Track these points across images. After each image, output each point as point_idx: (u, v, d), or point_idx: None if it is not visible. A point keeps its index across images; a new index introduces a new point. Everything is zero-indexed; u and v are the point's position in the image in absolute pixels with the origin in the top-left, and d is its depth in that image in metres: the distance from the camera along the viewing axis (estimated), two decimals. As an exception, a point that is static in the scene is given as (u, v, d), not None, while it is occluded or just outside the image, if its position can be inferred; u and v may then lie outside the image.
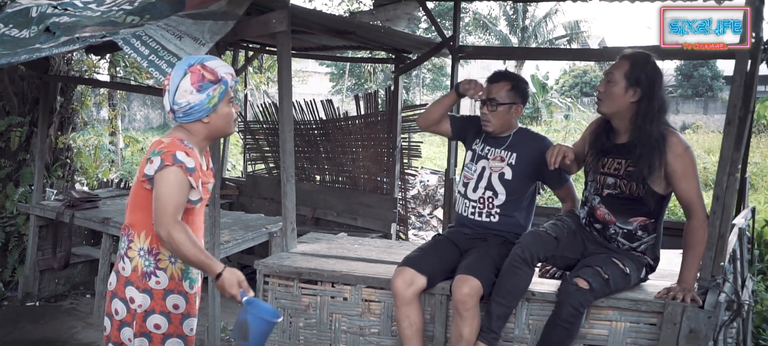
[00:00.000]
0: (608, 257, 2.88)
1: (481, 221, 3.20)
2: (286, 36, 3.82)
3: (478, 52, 6.27)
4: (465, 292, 2.84)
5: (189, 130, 2.48)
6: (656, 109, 2.76)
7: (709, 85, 34.11)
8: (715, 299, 2.75)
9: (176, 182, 2.33)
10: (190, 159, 2.38)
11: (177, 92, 2.40)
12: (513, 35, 29.78)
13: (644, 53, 2.87)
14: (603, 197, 2.96)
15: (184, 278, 2.51)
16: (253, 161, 8.00)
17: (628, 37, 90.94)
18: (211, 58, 2.50)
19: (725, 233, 2.81)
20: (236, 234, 4.79)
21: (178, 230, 2.28)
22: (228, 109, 2.51)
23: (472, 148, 3.33)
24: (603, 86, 2.89)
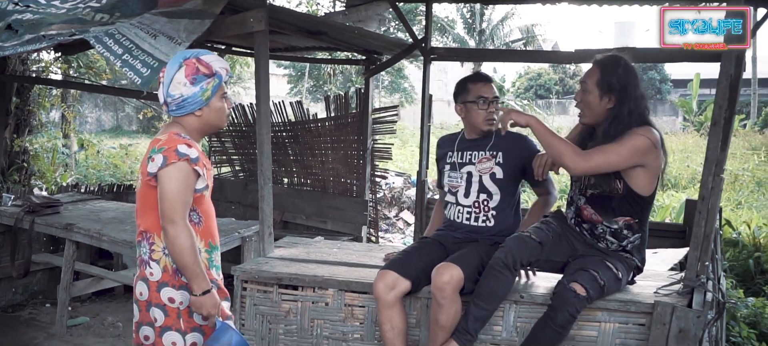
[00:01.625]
0: (601, 260, 2.87)
1: (477, 226, 3.17)
2: (264, 36, 3.73)
3: (449, 53, 6.27)
4: (444, 279, 2.82)
5: (181, 124, 2.46)
6: (626, 113, 2.76)
7: (657, 88, 35.07)
8: (702, 298, 2.79)
9: (182, 177, 2.32)
10: (192, 150, 2.37)
11: (171, 84, 2.39)
12: (470, 38, 30.05)
13: (614, 57, 2.88)
14: (587, 196, 2.97)
15: (210, 266, 2.51)
16: (219, 164, 7.84)
17: (581, 41, 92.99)
18: (206, 52, 2.48)
19: (710, 233, 2.85)
20: (208, 239, 4.66)
21: (185, 234, 2.29)
22: (221, 103, 2.49)
23: (448, 163, 3.30)
24: (579, 96, 2.91)
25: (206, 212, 2.51)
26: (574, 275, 2.79)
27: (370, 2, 5.69)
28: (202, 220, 2.49)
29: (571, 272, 2.84)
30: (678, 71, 33.05)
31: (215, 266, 2.56)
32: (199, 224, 2.47)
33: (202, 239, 2.48)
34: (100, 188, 7.00)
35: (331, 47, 6.34)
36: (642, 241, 2.99)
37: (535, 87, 35.99)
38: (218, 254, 2.59)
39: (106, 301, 5.89)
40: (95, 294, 5.88)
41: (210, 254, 2.52)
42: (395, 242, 8.63)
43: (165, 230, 2.31)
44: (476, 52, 11.59)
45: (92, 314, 5.50)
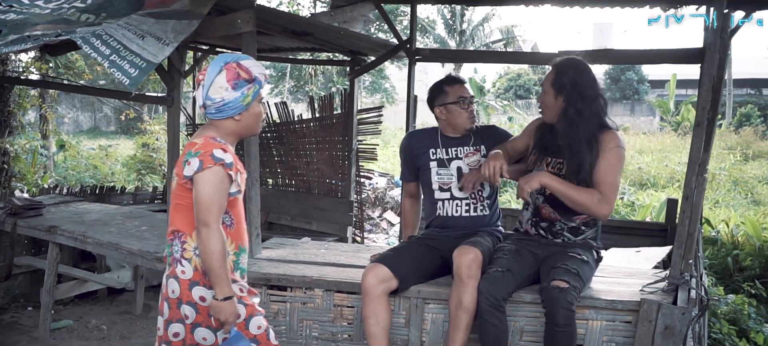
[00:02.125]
0: (564, 252, 2.96)
1: (477, 216, 3.24)
2: (251, 36, 3.75)
3: (434, 54, 6.28)
4: (470, 257, 2.87)
5: (219, 127, 2.49)
6: (574, 113, 2.83)
7: (635, 88, 35.44)
8: (687, 295, 2.85)
9: (217, 182, 2.36)
10: (227, 155, 2.40)
11: (211, 88, 2.43)
12: (451, 38, 30.18)
13: (568, 59, 2.95)
14: (546, 196, 3.04)
15: (235, 268, 2.56)
16: (202, 165, 7.78)
17: (560, 42, 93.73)
18: (245, 57, 2.51)
19: (694, 232, 2.91)
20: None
21: (217, 239, 2.33)
22: (259, 108, 2.55)
23: (433, 159, 3.31)
24: (540, 97, 3.02)
25: (238, 215, 2.55)
26: (548, 275, 2.85)
27: (355, 3, 5.70)
28: (234, 223, 2.53)
29: (544, 274, 2.91)
30: (655, 72, 33.49)
31: (241, 268, 2.60)
32: (231, 227, 2.52)
33: (232, 241, 2.53)
34: (83, 190, 6.92)
35: (316, 48, 6.34)
36: (597, 232, 3.10)
37: (514, 87, 36.20)
38: (245, 257, 2.63)
39: (90, 304, 5.84)
40: (78, 297, 5.82)
41: (238, 257, 2.57)
42: (379, 242, 8.65)
43: (199, 232, 2.36)
44: (461, 53, 11.63)
45: (75, 317, 5.44)
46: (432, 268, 3.17)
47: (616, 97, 34.42)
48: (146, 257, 4.35)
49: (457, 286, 2.89)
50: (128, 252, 4.46)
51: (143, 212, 5.79)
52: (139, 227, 5.05)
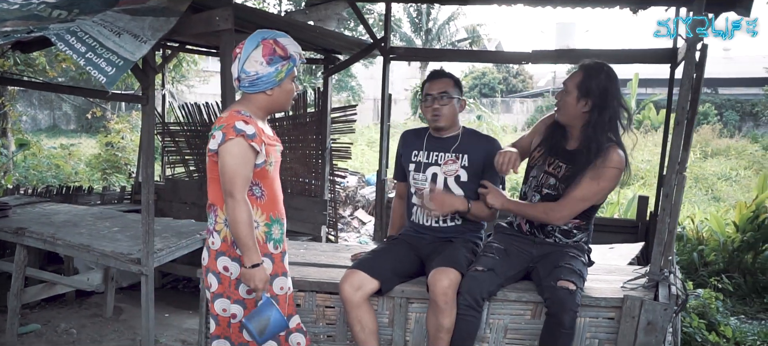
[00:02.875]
0: (562, 251, 2.98)
1: (446, 226, 3.18)
2: (230, 34, 3.69)
3: (409, 53, 6.30)
4: (445, 284, 2.81)
5: (250, 101, 2.60)
6: (606, 120, 2.84)
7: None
8: (667, 291, 2.90)
9: (239, 153, 2.45)
10: (249, 126, 2.48)
11: (247, 61, 2.52)
12: (417, 37, 30.29)
13: (598, 63, 2.93)
14: (542, 195, 3.05)
15: (267, 239, 2.65)
16: (173, 164, 7.67)
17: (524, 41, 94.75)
18: (282, 35, 2.60)
19: (674, 229, 2.98)
20: (169, 242, 4.55)
21: (242, 209, 2.44)
22: (291, 86, 2.64)
23: (413, 161, 3.27)
24: (559, 96, 2.97)
25: (269, 187, 2.63)
26: (552, 274, 2.84)
27: (329, 1, 5.68)
28: (265, 194, 2.62)
29: (547, 272, 2.89)
30: (616, 71, 33.96)
31: (274, 239, 2.67)
32: (261, 198, 2.61)
33: (263, 212, 2.63)
34: (48, 190, 6.75)
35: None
36: (588, 236, 3.13)
37: (479, 86, 36.45)
38: (279, 228, 2.70)
39: (58, 307, 5.69)
40: (45, 300, 5.67)
41: (269, 228, 2.65)
42: (351, 241, 8.63)
43: (226, 203, 2.48)
44: (436, 52, 11.64)
45: (43, 321, 5.30)
46: (413, 267, 3.15)
47: (579, 95, 34.95)
48: (120, 258, 4.26)
49: (435, 311, 2.86)
50: (101, 254, 4.36)
51: (113, 213, 5.67)
52: (110, 227, 4.93)
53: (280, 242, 2.72)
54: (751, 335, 5.28)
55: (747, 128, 23.68)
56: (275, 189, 2.68)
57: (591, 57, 4.68)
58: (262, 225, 2.63)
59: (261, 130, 2.55)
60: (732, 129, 22.86)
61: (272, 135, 2.71)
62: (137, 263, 4.18)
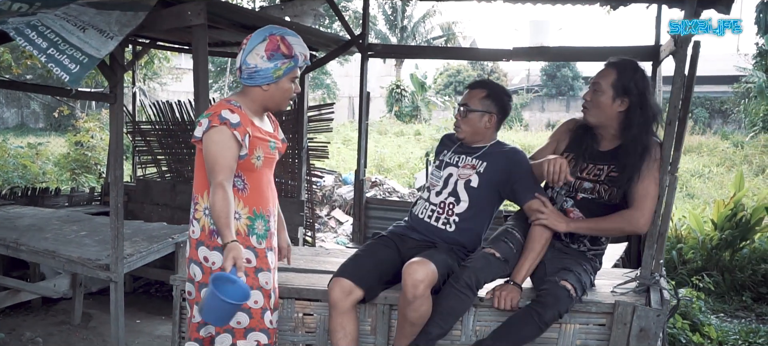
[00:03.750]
0: (577, 261, 2.86)
1: (436, 226, 3.02)
2: (202, 30, 3.55)
3: (387, 50, 6.19)
4: (418, 277, 2.67)
5: (246, 93, 2.58)
6: (643, 120, 2.73)
7: (570, 85, 36.27)
8: (659, 296, 2.82)
9: (222, 140, 2.43)
10: (234, 115, 2.46)
11: (250, 53, 2.50)
12: (392, 35, 30.18)
13: (631, 61, 2.82)
14: (577, 200, 2.91)
15: (250, 233, 2.61)
16: (144, 165, 7.44)
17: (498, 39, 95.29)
18: (292, 33, 2.57)
19: (665, 231, 2.89)
20: (140, 246, 4.37)
21: (221, 196, 2.39)
22: (289, 85, 2.59)
23: (439, 159, 3.17)
24: (589, 95, 2.82)
25: (255, 181, 2.60)
26: (560, 273, 2.75)
27: (305, -3, 5.53)
28: (247, 187, 2.59)
29: (554, 271, 2.79)
30: (589, 69, 34.36)
31: (257, 233, 2.63)
32: (244, 191, 2.59)
33: (246, 205, 2.59)
34: (12, 192, 6.49)
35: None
36: (606, 246, 3.03)
37: (454, 83, 36.48)
38: (263, 223, 2.65)
39: (23, 315, 5.45)
40: (10, 308, 5.42)
41: (252, 222, 2.61)
42: (328, 243, 8.48)
43: (210, 188, 2.45)
44: (415, 49, 11.57)
45: (7, 330, 5.06)
46: (395, 269, 3.00)
47: (553, 93, 35.21)
48: (87, 264, 4.08)
49: (403, 301, 2.75)
50: (67, 260, 4.17)
51: (81, 216, 5.46)
52: (77, 232, 4.74)
53: (263, 238, 2.66)
54: (732, 335, 5.26)
55: (717, 126, 24.03)
56: (262, 184, 2.64)
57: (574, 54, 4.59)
58: (244, 217, 2.60)
59: (249, 122, 2.52)
60: (702, 126, 23.18)
61: (270, 131, 2.68)
62: (106, 270, 4.00)
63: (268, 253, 2.70)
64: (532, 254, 2.82)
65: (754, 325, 5.71)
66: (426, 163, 10.66)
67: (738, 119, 21.77)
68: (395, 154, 16.32)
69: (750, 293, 6.59)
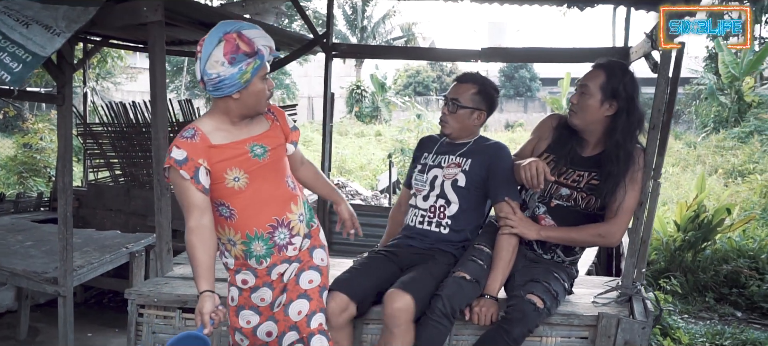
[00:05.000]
0: (548, 270, 2.74)
1: (430, 230, 2.88)
2: (159, 27, 3.33)
3: (352, 50, 6.02)
4: (396, 306, 2.54)
5: (217, 107, 2.36)
6: (635, 123, 2.63)
7: (528, 86, 36.69)
8: (643, 306, 2.72)
9: (176, 182, 2.29)
10: (180, 151, 2.26)
11: (208, 62, 2.22)
12: (352, 35, 30.01)
13: (620, 63, 2.72)
14: (550, 206, 2.79)
15: (248, 257, 2.47)
16: (96, 168, 7.09)
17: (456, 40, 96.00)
18: (250, 26, 2.28)
19: (648, 238, 2.81)
20: (91, 256, 4.11)
21: (189, 239, 2.27)
22: (262, 86, 2.32)
23: (421, 163, 3.00)
24: (576, 98, 2.71)
25: (242, 205, 2.39)
26: (527, 286, 2.63)
27: (267, -6, 5.33)
28: (235, 212, 2.40)
29: (521, 283, 2.67)
30: (546, 71, 34.85)
31: (256, 255, 2.46)
32: (231, 218, 2.42)
33: (237, 231, 2.43)
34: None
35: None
36: (581, 254, 2.93)
37: (413, 84, 36.52)
38: (263, 244, 2.45)
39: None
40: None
41: (248, 246, 2.44)
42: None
43: None
44: (382, 49, 11.38)
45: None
46: (390, 283, 2.83)
47: (510, 94, 35.55)
48: (33, 278, 3.80)
49: (385, 334, 2.61)
50: (10, 273, 3.89)
51: (27, 224, 5.14)
52: (22, 242, 4.45)
53: (266, 256, 2.46)
54: (699, 337, 5.26)
55: (669, 126, 24.54)
56: (257, 202, 2.40)
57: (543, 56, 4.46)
58: (238, 244, 2.45)
59: (203, 150, 2.28)
60: (656, 127, 23.60)
61: (254, 134, 2.40)
62: (54, 284, 3.74)
63: (271, 270, 2.49)
64: (501, 264, 2.70)
65: (719, 326, 5.72)
66: (389, 165, 10.53)
67: (689, 120, 22.27)
68: (356, 156, 16.15)
69: (712, 293, 6.63)
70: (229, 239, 2.45)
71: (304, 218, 2.54)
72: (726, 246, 7.09)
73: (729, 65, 16.64)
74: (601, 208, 2.71)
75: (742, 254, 7.02)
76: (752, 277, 6.63)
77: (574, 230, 2.70)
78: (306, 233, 2.55)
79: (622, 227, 2.66)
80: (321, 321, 2.44)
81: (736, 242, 7.19)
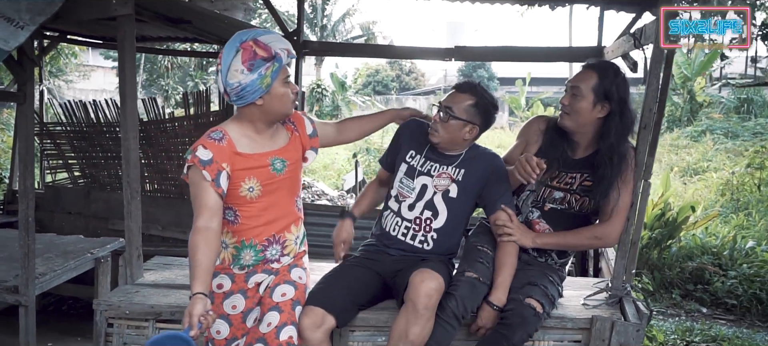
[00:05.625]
0: (543, 272, 2.69)
1: (413, 245, 2.73)
2: (130, 20, 3.16)
3: (324, 47, 5.91)
4: (433, 286, 2.40)
5: (242, 115, 2.39)
6: (628, 126, 2.59)
7: (486, 85, 36.94)
8: (634, 308, 2.69)
9: (195, 181, 2.30)
10: (206, 151, 2.29)
11: (229, 72, 2.27)
12: (312, 33, 29.74)
13: (611, 64, 2.67)
14: (544, 210, 2.74)
15: (234, 263, 2.47)
16: (54, 170, 6.79)
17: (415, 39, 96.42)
18: (266, 32, 2.35)
19: (637, 239, 2.77)
20: (53, 263, 3.90)
21: (193, 237, 2.24)
22: (284, 89, 2.35)
23: (407, 162, 2.81)
24: (567, 99, 2.64)
25: (251, 211, 2.42)
26: (524, 289, 2.56)
27: (235, -11, 5.17)
28: (239, 218, 2.42)
29: (518, 286, 2.59)
30: (504, 70, 35.25)
31: (241, 263, 2.47)
32: (234, 222, 2.43)
33: (235, 235, 2.45)
34: None
35: (190, 38, 5.70)
36: (572, 256, 2.90)
37: (373, 83, 36.48)
38: (253, 254, 2.46)
39: None
40: None
41: (238, 251, 2.46)
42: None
43: None
44: (351, 46, 11.19)
45: None
46: (371, 292, 2.70)
47: (470, 93, 35.83)
48: (-11, 288, 3.57)
49: (408, 315, 2.43)
50: (-34, 282, 3.65)
51: (-20, 229, 4.87)
52: (-24, 248, 4.19)
53: (250, 266, 2.48)
54: (670, 334, 5.33)
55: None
56: (265, 213, 2.43)
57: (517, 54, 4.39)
58: (230, 247, 2.46)
59: (229, 155, 2.31)
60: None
61: (276, 148, 2.45)
62: (14, 293, 3.53)
63: (249, 278, 2.48)
64: (508, 270, 2.61)
65: (687, 323, 5.82)
66: (355, 164, 10.43)
67: (644, 119, 22.77)
68: (320, 155, 15.90)
69: (679, 290, 6.75)
70: (222, 240, 2.43)
71: (298, 241, 2.59)
72: (690, 243, 7.24)
73: (681, 66, 17.06)
74: (595, 209, 2.68)
75: (705, 251, 7.18)
76: (716, 273, 6.78)
77: (570, 235, 2.67)
78: (296, 254, 2.58)
79: (618, 228, 2.64)
80: (291, 334, 2.36)
81: (700, 239, 7.34)
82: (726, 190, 11.30)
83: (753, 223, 8.93)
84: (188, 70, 19.91)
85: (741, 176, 11.99)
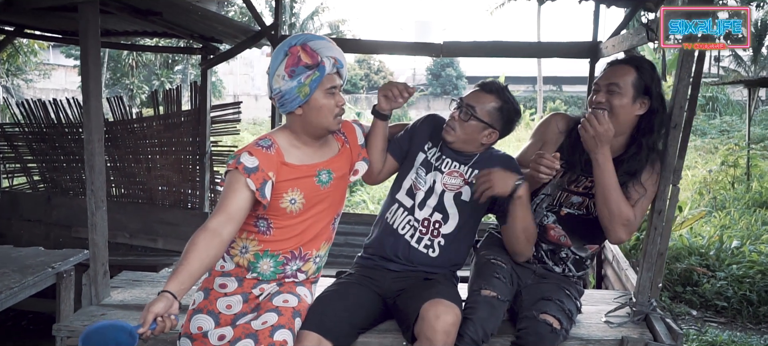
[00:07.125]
0: (559, 286, 2.44)
1: (418, 250, 2.46)
2: (93, 9, 2.84)
3: (303, 43, 5.56)
4: (450, 320, 2.13)
5: (288, 124, 2.30)
6: (661, 127, 2.38)
7: (455, 84, 37.00)
8: (664, 327, 2.45)
9: (230, 183, 2.15)
10: (252, 158, 2.15)
11: (274, 77, 2.19)
12: (281, 31, 29.32)
13: (643, 58, 2.46)
14: (560, 216, 2.50)
15: (250, 269, 2.31)
16: (11, 174, 6.34)
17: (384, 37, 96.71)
18: (320, 37, 2.23)
19: (665, 251, 2.53)
20: (10, 280, 3.50)
21: (197, 235, 2.05)
22: (325, 101, 2.20)
23: (424, 151, 2.56)
24: (603, 97, 2.36)
25: (283, 224, 2.26)
26: (538, 305, 2.31)
27: (208, -21, 4.83)
28: (271, 230, 2.28)
29: (532, 301, 2.35)
30: (472, 69, 35.37)
31: (257, 271, 2.31)
32: (265, 233, 2.28)
33: (260, 243, 2.29)
34: None
35: (160, 33, 5.33)
36: (590, 268, 2.63)
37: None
38: (273, 264, 2.31)
39: None
40: None
41: (257, 259, 2.30)
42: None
43: None
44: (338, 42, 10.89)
45: None
46: (371, 313, 2.41)
47: (438, 92, 35.79)
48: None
49: None
50: None
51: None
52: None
53: (263, 275, 2.31)
54: (666, 340, 5.14)
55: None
56: (293, 229, 2.27)
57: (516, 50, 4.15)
58: (249, 253, 2.30)
59: (276, 164, 2.18)
60: (577, 124, 24.31)
61: (324, 159, 2.32)
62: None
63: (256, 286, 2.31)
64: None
65: (684, 328, 5.65)
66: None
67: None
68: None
69: (668, 292, 6.59)
70: (244, 245, 2.30)
71: (319, 262, 2.43)
72: (678, 244, 7.11)
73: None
74: None
75: (693, 251, 7.05)
76: (705, 275, 6.65)
77: (618, 191, 2.34)
78: (310, 276, 2.42)
79: (635, 224, 2.38)
80: (286, 338, 2.09)
81: (687, 240, 7.22)
82: (703, 189, 11.30)
83: (734, 222, 8.87)
84: (153, 68, 19.30)
85: (716, 173, 12.03)
